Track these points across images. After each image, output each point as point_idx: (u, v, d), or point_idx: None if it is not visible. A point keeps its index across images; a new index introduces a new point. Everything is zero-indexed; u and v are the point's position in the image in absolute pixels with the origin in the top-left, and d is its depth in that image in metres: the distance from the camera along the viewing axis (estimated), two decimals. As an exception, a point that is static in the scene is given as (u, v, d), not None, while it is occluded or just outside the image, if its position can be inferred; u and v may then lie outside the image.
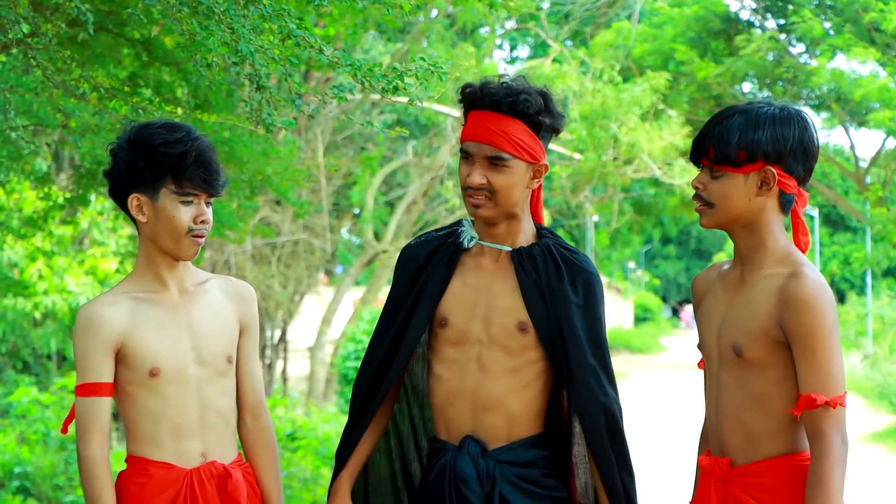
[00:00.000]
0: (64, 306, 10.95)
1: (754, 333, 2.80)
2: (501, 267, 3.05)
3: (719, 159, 2.81)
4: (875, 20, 17.08)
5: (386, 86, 3.22)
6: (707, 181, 2.85)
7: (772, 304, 2.78)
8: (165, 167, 2.98)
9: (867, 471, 11.43)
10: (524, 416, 3.01)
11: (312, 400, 15.36)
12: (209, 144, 3.04)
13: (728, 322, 2.87)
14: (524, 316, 2.99)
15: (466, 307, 3.03)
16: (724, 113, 2.87)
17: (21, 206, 9.32)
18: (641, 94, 16.43)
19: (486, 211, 2.99)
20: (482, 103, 2.97)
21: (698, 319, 3.00)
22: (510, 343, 2.99)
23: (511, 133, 2.94)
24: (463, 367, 3.01)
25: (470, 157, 2.99)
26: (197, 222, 3.03)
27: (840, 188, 31.85)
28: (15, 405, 10.27)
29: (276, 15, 3.16)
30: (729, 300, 2.90)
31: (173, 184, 2.99)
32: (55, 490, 8.75)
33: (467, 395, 3.00)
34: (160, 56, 5.89)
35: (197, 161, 2.99)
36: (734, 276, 2.93)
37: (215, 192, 3.05)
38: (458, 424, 3.02)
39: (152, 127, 3.04)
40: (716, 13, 19.70)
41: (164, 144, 2.98)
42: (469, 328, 3.02)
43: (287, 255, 16.08)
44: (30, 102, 4.95)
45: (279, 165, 6.63)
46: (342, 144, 17.34)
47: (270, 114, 3.36)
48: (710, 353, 2.93)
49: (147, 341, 3.03)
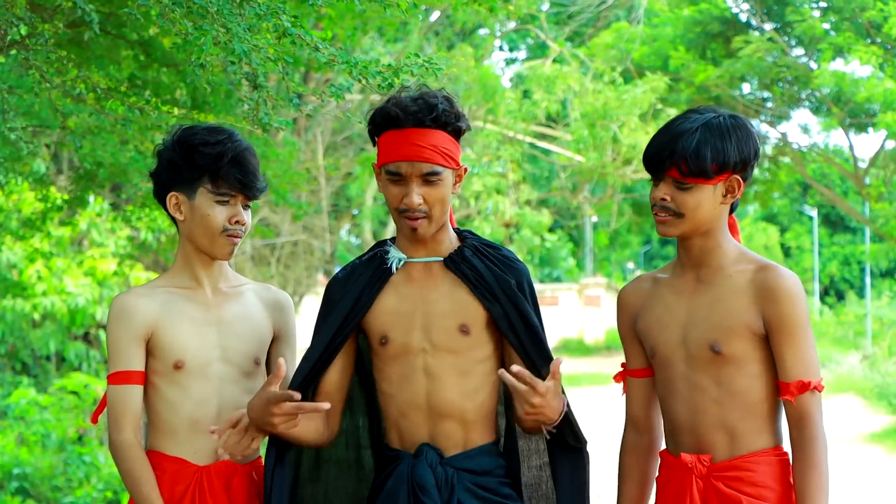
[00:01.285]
0: (63, 307, 10.94)
1: (734, 329, 2.87)
2: (433, 275, 3.02)
3: (692, 173, 2.85)
4: (874, 19, 17.07)
5: (382, 83, 3.22)
6: (673, 192, 2.88)
7: (748, 299, 2.87)
8: (202, 166, 3.05)
9: (866, 471, 11.43)
10: (479, 422, 3.00)
11: (311, 401, 15.36)
12: (249, 148, 3.10)
13: (696, 324, 2.92)
14: (464, 317, 2.97)
15: (404, 320, 2.99)
16: (684, 126, 2.89)
17: (20, 207, 9.31)
18: (642, 95, 16.44)
19: (424, 230, 2.95)
20: (404, 122, 2.91)
21: (643, 329, 3.03)
22: (454, 346, 2.97)
23: (438, 145, 2.92)
24: (410, 379, 2.98)
25: (402, 178, 2.93)
26: (232, 222, 3.08)
27: (839, 189, 31.87)
28: (14, 406, 10.26)
29: (270, 13, 3.16)
30: (688, 303, 2.95)
31: (210, 183, 3.06)
32: (54, 491, 8.75)
33: (421, 406, 2.98)
34: (159, 57, 5.89)
35: (233, 162, 3.05)
36: (685, 280, 2.98)
37: (251, 193, 3.10)
38: (413, 433, 3.00)
39: (196, 129, 3.13)
40: (714, 15, 19.69)
41: (204, 144, 3.05)
42: (410, 340, 2.98)
43: (286, 255, 16.08)
44: (29, 103, 4.95)
45: (278, 168, 6.63)
46: (342, 145, 17.34)
47: (267, 113, 3.37)
48: (670, 357, 2.95)
49: (174, 334, 3.09)
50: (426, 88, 2.98)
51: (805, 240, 44.99)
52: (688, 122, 2.89)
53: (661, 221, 2.93)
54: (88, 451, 9.10)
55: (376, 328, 3.01)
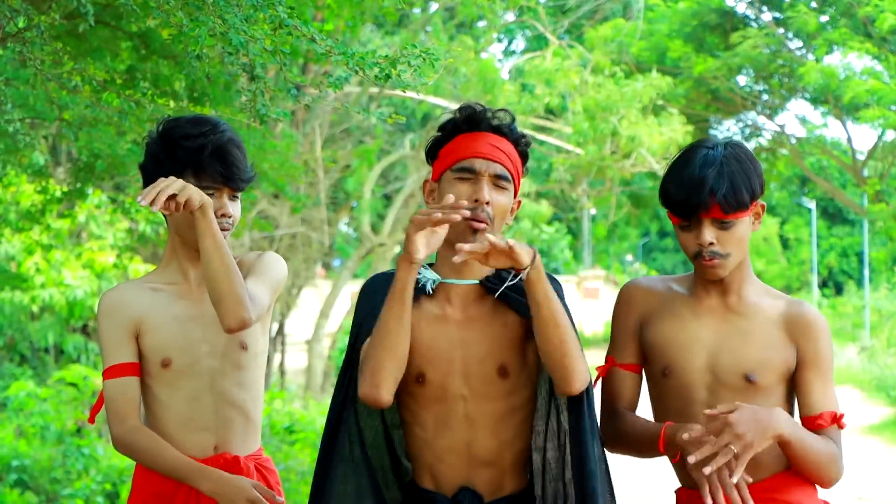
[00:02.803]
0: (61, 300, 10.94)
1: (771, 361, 2.88)
2: (469, 304, 2.87)
3: (733, 208, 2.80)
4: (870, 14, 17.06)
5: (379, 74, 3.20)
6: (716, 234, 2.83)
7: (785, 334, 2.90)
8: (184, 160, 3.00)
9: (865, 463, 11.45)
10: (516, 467, 2.89)
11: (310, 393, 15.37)
12: (232, 139, 3.05)
13: (727, 352, 2.89)
14: (502, 357, 2.84)
15: (442, 362, 2.84)
16: (706, 164, 2.82)
17: (18, 199, 9.31)
18: (642, 89, 16.43)
19: (483, 234, 2.76)
20: (484, 125, 2.87)
21: (654, 340, 2.96)
22: (493, 391, 2.84)
23: (510, 155, 2.87)
24: (450, 426, 2.85)
25: (474, 175, 2.82)
26: (217, 215, 3.01)
27: (837, 181, 31.86)
28: (12, 398, 10.27)
29: (267, 4, 3.14)
30: (717, 330, 2.91)
31: (192, 177, 3.00)
32: (53, 483, 8.75)
33: (461, 453, 2.86)
34: (157, 49, 5.88)
35: (215, 154, 3.00)
36: (709, 305, 2.93)
37: (235, 185, 3.06)
38: (450, 477, 2.88)
39: (180, 121, 3.08)
40: (711, 8, 19.67)
41: (185, 138, 3.01)
42: (449, 384, 2.84)
43: (285, 248, 16.06)
44: (26, 95, 4.94)
45: (276, 160, 6.63)
46: (340, 137, 17.32)
47: (265, 104, 3.34)
48: (692, 382, 2.90)
49: (160, 331, 3.06)
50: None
51: (803, 232, 45.00)
52: (706, 160, 2.83)
53: (712, 266, 2.85)
54: (87, 444, 9.11)
55: (413, 360, 2.82)
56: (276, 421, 11.44)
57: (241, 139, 3.12)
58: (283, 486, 9.11)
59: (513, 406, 2.86)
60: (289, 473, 8.94)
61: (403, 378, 2.79)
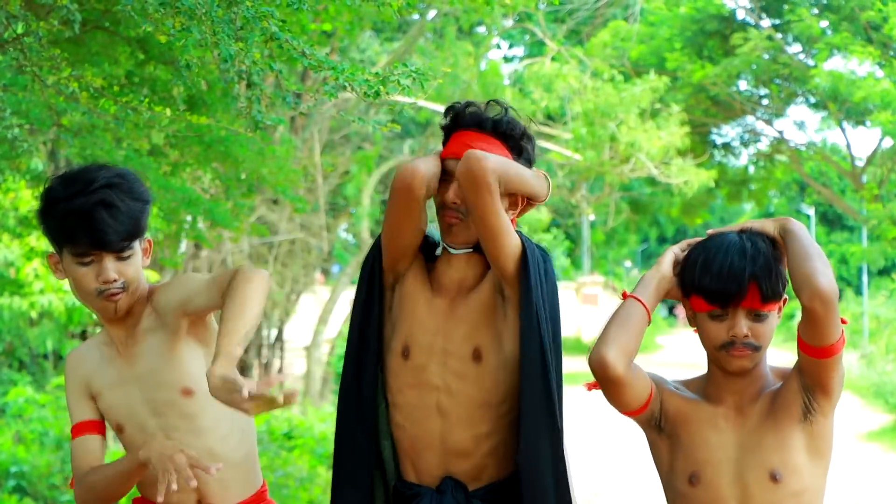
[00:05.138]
0: (60, 305, 10.92)
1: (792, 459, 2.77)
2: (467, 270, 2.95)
3: (770, 297, 2.73)
4: (872, 19, 17.07)
5: (368, 90, 3.18)
6: (750, 325, 2.74)
7: (796, 410, 2.77)
8: (56, 228, 2.83)
9: (864, 469, 11.44)
10: (497, 458, 2.91)
11: (309, 399, 15.35)
12: (106, 198, 2.79)
13: (749, 458, 2.78)
14: (478, 339, 2.90)
15: (428, 334, 2.91)
16: (744, 252, 2.74)
17: (17, 205, 9.30)
18: (641, 93, 16.44)
19: (457, 231, 2.90)
20: (465, 122, 2.88)
21: (679, 436, 2.84)
22: (468, 374, 2.88)
23: (491, 151, 2.84)
24: (424, 414, 2.90)
25: (449, 175, 2.88)
26: (100, 281, 2.84)
27: (837, 187, 31.85)
28: (11, 404, 10.26)
29: (258, 17, 3.12)
30: (732, 438, 2.81)
31: (68, 244, 2.83)
32: (51, 489, 8.74)
33: (434, 445, 2.90)
34: (156, 55, 5.89)
35: (83, 222, 2.77)
36: (724, 409, 2.83)
37: (112, 249, 2.82)
38: (431, 466, 2.92)
39: (56, 179, 2.87)
40: (711, 13, 19.69)
41: (53, 203, 2.81)
42: (428, 361, 2.90)
43: (284, 254, 16.06)
44: (18, 101, 4.94)
45: (274, 166, 6.63)
46: (339, 143, 17.32)
47: (260, 111, 3.33)
48: (725, 496, 2.78)
49: (106, 396, 2.98)
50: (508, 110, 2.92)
51: (802, 238, 44.88)
52: (742, 250, 2.74)
53: (742, 357, 2.75)
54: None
55: (400, 333, 2.93)
56: (275, 427, 11.44)
57: (129, 187, 2.86)
58: (282, 492, 9.10)
59: (487, 398, 2.87)
60: (287, 479, 8.93)
61: (390, 353, 2.91)
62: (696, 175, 17.48)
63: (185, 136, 5.67)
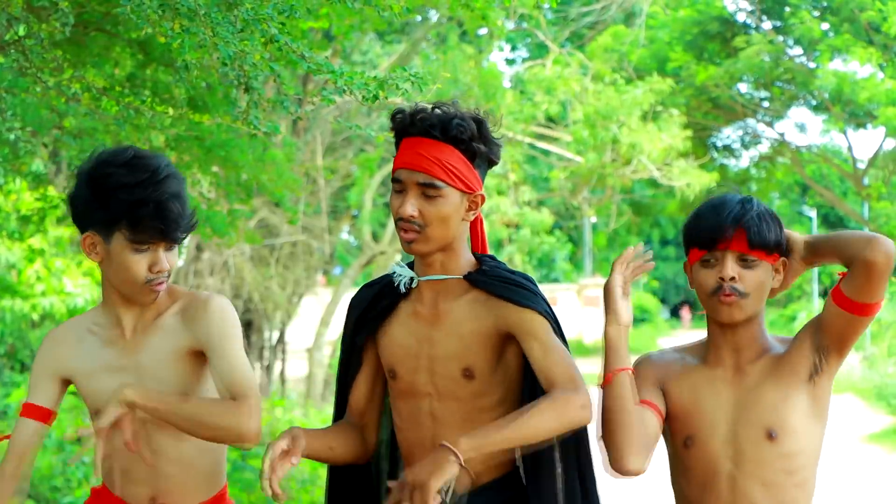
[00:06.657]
0: (62, 308, 10.93)
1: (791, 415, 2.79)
2: (446, 297, 2.86)
3: (756, 244, 2.75)
4: (873, 20, 17.07)
5: (367, 94, 3.17)
6: (738, 270, 2.76)
7: (803, 370, 2.80)
8: (119, 213, 2.76)
9: (866, 471, 11.44)
10: (492, 462, 2.83)
11: (311, 401, 15.35)
12: (174, 189, 2.78)
13: (746, 414, 2.80)
14: (467, 360, 2.82)
15: (409, 359, 2.87)
16: (735, 199, 2.79)
17: (18, 206, 9.31)
18: (642, 96, 16.44)
19: (418, 246, 2.78)
20: (413, 129, 2.77)
21: (678, 413, 2.86)
22: (458, 392, 2.84)
23: (444, 159, 2.74)
24: (418, 421, 2.90)
25: (401, 186, 2.78)
26: (154, 271, 2.82)
27: (838, 189, 31.84)
28: (13, 407, 10.26)
29: (258, 19, 3.12)
30: (729, 398, 2.82)
31: (127, 229, 2.77)
32: (53, 491, 8.74)
33: (427, 449, 2.85)
34: (157, 56, 5.89)
35: (156, 211, 2.75)
36: (722, 370, 2.85)
37: (174, 240, 2.82)
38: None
39: (114, 164, 2.80)
40: (712, 16, 19.69)
41: (121, 188, 2.75)
42: (416, 380, 2.87)
43: (286, 256, 16.07)
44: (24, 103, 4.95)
45: (274, 172, 6.62)
46: (341, 146, 17.33)
47: (257, 116, 3.34)
48: (716, 459, 2.80)
49: (92, 383, 2.93)
50: (456, 108, 2.82)
51: (804, 240, 44.87)
52: (734, 198, 2.79)
53: (730, 303, 2.76)
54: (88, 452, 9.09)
55: (385, 358, 2.92)
56: (277, 429, 11.44)
57: (181, 178, 2.86)
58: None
59: (480, 407, 2.84)
60: (289, 482, 8.94)
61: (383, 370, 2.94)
62: (697, 177, 17.49)
63: (186, 138, 5.68)
